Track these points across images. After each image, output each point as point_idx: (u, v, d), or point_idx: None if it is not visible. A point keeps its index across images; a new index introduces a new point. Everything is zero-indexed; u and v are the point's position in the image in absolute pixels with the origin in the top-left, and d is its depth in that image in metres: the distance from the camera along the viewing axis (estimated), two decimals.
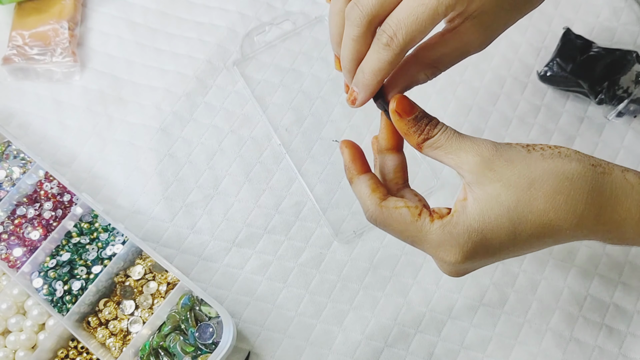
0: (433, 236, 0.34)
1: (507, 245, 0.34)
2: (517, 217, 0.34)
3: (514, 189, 0.33)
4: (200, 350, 0.48)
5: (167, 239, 0.54)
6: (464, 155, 0.34)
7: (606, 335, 0.50)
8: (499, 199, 0.33)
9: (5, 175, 0.55)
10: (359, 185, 0.37)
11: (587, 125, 0.57)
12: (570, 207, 0.34)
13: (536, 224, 0.34)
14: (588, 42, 0.57)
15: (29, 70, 0.59)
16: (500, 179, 0.34)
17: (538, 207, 0.33)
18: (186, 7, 0.62)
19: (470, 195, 0.34)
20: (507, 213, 0.33)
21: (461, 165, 0.35)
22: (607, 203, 0.34)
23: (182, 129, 0.57)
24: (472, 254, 0.34)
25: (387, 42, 0.34)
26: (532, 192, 0.33)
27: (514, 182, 0.33)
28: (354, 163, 0.38)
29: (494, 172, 0.34)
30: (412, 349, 0.50)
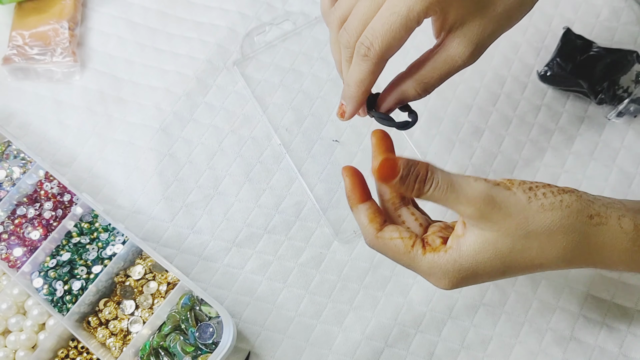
0: (424, 267, 0.37)
1: (496, 277, 0.37)
2: (510, 261, 0.36)
3: (511, 237, 0.35)
4: (200, 350, 0.48)
5: (167, 239, 0.54)
6: (461, 208, 0.35)
7: (606, 335, 0.50)
8: (495, 245, 0.35)
9: (5, 175, 0.55)
10: (358, 214, 0.39)
11: (587, 125, 0.57)
12: (560, 255, 0.36)
13: (526, 266, 0.36)
14: (588, 42, 0.57)
15: (29, 70, 0.59)
16: (498, 228, 0.35)
17: (530, 255, 0.35)
18: (186, 7, 0.62)
19: (469, 233, 0.36)
20: (500, 258, 0.35)
21: (460, 213, 0.36)
22: (597, 251, 0.36)
23: (182, 129, 0.57)
24: (461, 284, 0.37)
25: (365, 53, 0.36)
26: (527, 241, 0.35)
27: (511, 232, 0.35)
28: (353, 192, 0.39)
29: (493, 223, 0.35)
30: (413, 349, 0.50)
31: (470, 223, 0.36)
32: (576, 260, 0.36)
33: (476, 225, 0.35)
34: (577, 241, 0.35)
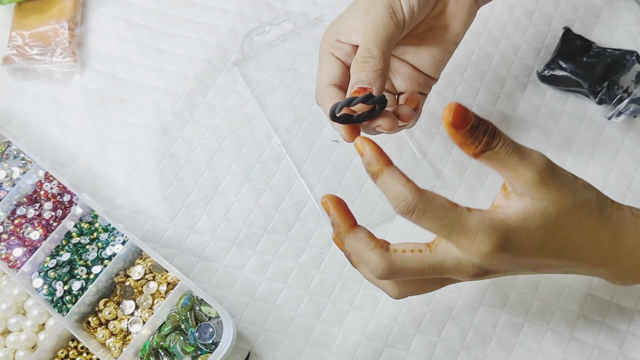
0: (472, 223, 0.35)
1: (534, 253, 0.37)
2: (553, 230, 0.36)
3: (559, 208, 0.36)
4: (200, 350, 0.48)
5: (167, 239, 0.54)
6: (522, 171, 0.35)
7: (606, 335, 0.50)
8: (544, 214, 0.36)
9: (5, 175, 0.55)
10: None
11: (587, 125, 0.57)
12: (592, 233, 0.38)
13: (565, 239, 0.37)
14: (588, 42, 0.57)
15: (29, 70, 0.59)
16: (550, 198, 0.36)
17: (571, 227, 0.37)
18: (186, 7, 0.62)
19: (518, 200, 0.36)
20: (545, 225, 0.36)
21: (517, 179, 0.36)
22: (619, 232, 0.39)
23: (182, 129, 0.57)
24: (503, 248, 0.35)
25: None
26: (571, 214, 0.37)
27: (561, 203, 0.36)
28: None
29: (548, 191, 0.36)
30: (413, 349, 0.50)
31: (525, 192, 0.36)
32: (603, 241, 0.38)
33: (530, 196, 0.36)
34: (603, 219, 0.38)
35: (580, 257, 0.39)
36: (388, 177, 0.36)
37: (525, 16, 0.61)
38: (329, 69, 0.44)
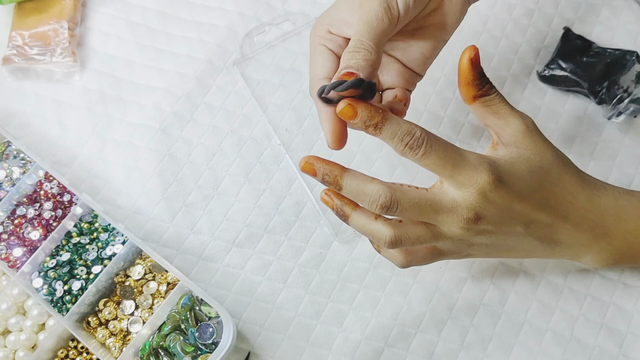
0: (473, 158, 0.38)
1: (524, 197, 0.40)
2: (537, 178, 0.40)
3: (541, 158, 0.41)
4: (200, 350, 0.48)
5: (167, 239, 0.54)
6: (511, 120, 0.41)
7: (606, 335, 0.50)
8: (529, 161, 0.40)
9: (5, 175, 0.55)
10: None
11: (587, 125, 0.57)
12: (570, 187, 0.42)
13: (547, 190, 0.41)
14: (588, 42, 0.57)
15: (29, 70, 0.59)
16: (534, 148, 0.41)
17: (551, 177, 0.41)
18: (186, 7, 0.62)
19: (504, 149, 0.41)
20: (530, 172, 0.40)
21: (504, 128, 0.41)
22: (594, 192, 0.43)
23: (182, 129, 0.57)
24: (501, 181, 0.38)
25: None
26: (551, 165, 0.41)
27: (543, 154, 0.41)
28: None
29: (532, 141, 0.41)
30: (413, 349, 0.50)
31: (512, 142, 0.41)
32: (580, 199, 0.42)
33: (516, 146, 0.40)
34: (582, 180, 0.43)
35: (563, 213, 0.42)
36: (393, 121, 0.38)
37: (525, 16, 0.61)
38: (322, 62, 0.43)
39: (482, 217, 0.39)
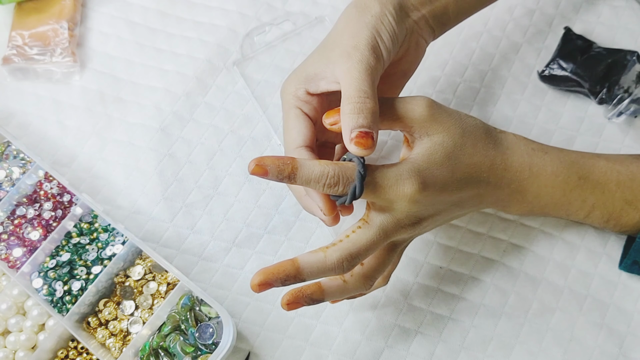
0: (391, 175, 0.39)
1: (449, 184, 0.41)
2: (455, 157, 0.41)
3: (453, 136, 0.41)
4: (200, 350, 0.48)
5: (167, 239, 0.54)
6: (410, 114, 0.41)
7: (607, 335, 0.50)
8: (443, 145, 0.41)
9: (5, 175, 0.55)
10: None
11: (588, 125, 0.57)
12: (485, 152, 0.43)
13: (467, 164, 0.42)
14: (588, 42, 0.57)
15: (29, 70, 0.59)
16: (443, 129, 0.41)
17: (467, 151, 0.42)
18: (186, 7, 0.62)
19: (419, 144, 0.41)
20: (447, 155, 0.41)
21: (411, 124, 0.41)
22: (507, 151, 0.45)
23: (182, 129, 0.57)
24: (425, 184, 0.39)
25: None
26: (464, 139, 0.42)
27: (453, 131, 0.41)
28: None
29: (439, 123, 0.41)
30: (413, 349, 0.50)
31: (422, 132, 0.41)
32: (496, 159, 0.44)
33: (427, 134, 0.41)
34: (492, 141, 0.44)
35: (484, 180, 0.43)
36: (303, 168, 0.37)
37: (525, 16, 0.61)
38: (299, 128, 0.42)
39: (422, 217, 0.41)
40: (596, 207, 0.48)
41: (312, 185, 0.37)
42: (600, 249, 0.52)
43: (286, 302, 0.40)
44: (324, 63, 0.41)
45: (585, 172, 0.47)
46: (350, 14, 0.42)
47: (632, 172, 0.47)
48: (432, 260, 0.52)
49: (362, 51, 0.39)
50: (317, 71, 0.42)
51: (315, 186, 0.38)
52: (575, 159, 0.47)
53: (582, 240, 0.53)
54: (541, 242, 0.53)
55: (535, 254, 0.52)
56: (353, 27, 0.41)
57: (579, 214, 0.48)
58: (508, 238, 0.53)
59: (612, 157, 0.48)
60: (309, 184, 0.37)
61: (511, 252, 0.52)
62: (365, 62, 0.39)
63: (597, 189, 0.47)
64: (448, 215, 0.44)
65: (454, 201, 0.43)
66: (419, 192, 0.39)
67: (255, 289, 0.38)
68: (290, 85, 0.43)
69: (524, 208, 0.47)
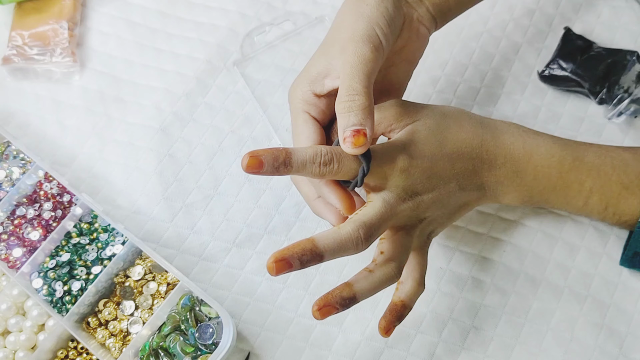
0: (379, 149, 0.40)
1: (437, 154, 0.42)
2: (440, 134, 0.43)
3: (434, 118, 0.43)
4: (200, 350, 0.48)
5: (167, 240, 0.53)
6: (385, 111, 0.43)
7: (607, 336, 0.50)
8: (425, 125, 0.43)
9: (5, 175, 0.55)
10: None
11: (588, 125, 0.57)
12: (473, 130, 0.45)
13: (454, 140, 0.43)
14: (588, 42, 0.57)
15: (29, 70, 0.59)
16: (421, 116, 0.43)
17: (452, 129, 0.44)
18: (186, 7, 0.62)
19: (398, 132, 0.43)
20: (431, 132, 0.43)
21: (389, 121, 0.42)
22: (496, 132, 0.46)
23: (182, 129, 0.57)
24: (412, 155, 0.41)
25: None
26: (447, 120, 0.44)
27: (432, 116, 0.43)
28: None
29: (414, 112, 0.43)
30: (413, 350, 0.50)
31: (397, 128, 0.43)
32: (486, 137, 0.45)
33: (403, 126, 0.43)
34: (478, 121, 0.46)
35: (478, 156, 0.44)
36: (297, 152, 0.38)
37: (525, 16, 0.61)
38: (308, 134, 0.43)
39: (417, 191, 0.42)
40: (594, 191, 0.48)
41: (308, 168, 0.38)
42: (600, 249, 0.52)
43: (317, 308, 0.38)
44: (326, 60, 0.42)
45: (580, 154, 0.47)
46: (347, 7, 0.42)
47: (625, 158, 0.48)
48: (432, 261, 0.52)
49: (356, 43, 0.39)
50: (320, 69, 0.42)
51: (311, 168, 0.38)
52: (567, 142, 0.48)
53: (582, 240, 0.53)
54: (541, 242, 0.53)
55: (535, 254, 0.52)
56: (349, 19, 0.41)
57: (577, 200, 0.48)
58: (508, 238, 0.53)
59: (603, 146, 0.49)
60: (305, 166, 0.38)
61: (511, 252, 0.52)
62: (359, 54, 0.39)
63: (593, 170, 0.47)
64: (447, 193, 0.44)
65: (449, 176, 0.43)
66: (408, 162, 0.41)
67: (271, 269, 0.36)
68: (297, 89, 0.44)
69: (524, 193, 0.47)
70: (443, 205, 0.44)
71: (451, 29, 0.60)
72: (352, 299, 0.39)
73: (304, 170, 0.38)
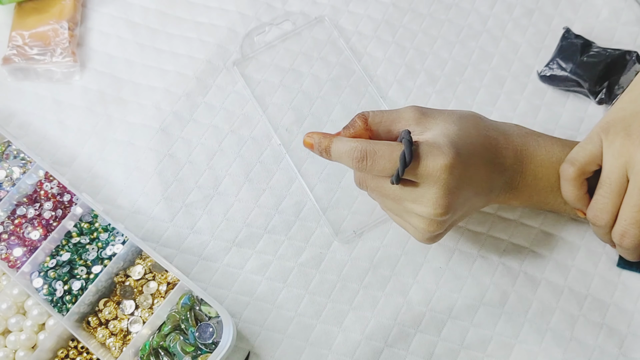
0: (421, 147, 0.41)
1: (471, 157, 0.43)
2: (464, 140, 0.43)
3: (453, 122, 0.44)
4: (200, 350, 0.48)
5: (167, 239, 0.54)
6: (404, 114, 0.45)
7: (607, 335, 0.50)
8: (446, 132, 0.43)
9: (5, 175, 0.55)
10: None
11: (588, 125, 0.57)
12: (486, 132, 0.46)
13: (477, 144, 0.44)
14: (588, 42, 0.57)
15: (29, 70, 0.59)
16: (440, 120, 0.44)
17: (472, 134, 0.44)
18: (186, 7, 0.62)
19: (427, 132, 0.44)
20: (457, 137, 0.43)
21: (407, 123, 0.44)
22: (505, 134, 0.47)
23: (182, 129, 0.57)
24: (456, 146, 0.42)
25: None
26: (463, 122, 0.45)
27: (449, 119, 0.44)
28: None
29: (433, 117, 0.44)
30: (412, 349, 0.50)
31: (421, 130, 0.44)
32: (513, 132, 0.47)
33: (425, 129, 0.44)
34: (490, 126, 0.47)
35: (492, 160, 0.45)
36: (338, 142, 0.43)
37: (525, 16, 0.61)
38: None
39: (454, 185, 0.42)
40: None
41: (345, 160, 0.43)
42: (600, 249, 0.52)
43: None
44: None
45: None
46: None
47: None
48: (432, 260, 0.52)
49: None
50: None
51: (347, 161, 0.42)
52: (566, 142, 0.49)
53: (582, 240, 0.53)
54: (541, 241, 0.53)
55: (535, 254, 0.52)
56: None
57: None
58: (508, 238, 0.53)
59: None
60: (341, 157, 0.43)
61: (511, 252, 0.52)
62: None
63: None
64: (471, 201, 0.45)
65: (479, 182, 0.44)
66: (455, 160, 0.41)
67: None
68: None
69: (524, 194, 0.48)
70: (464, 211, 0.45)
71: (451, 29, 0.61)
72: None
73: (342, 161, 0.43)
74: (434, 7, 0.61)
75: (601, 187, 0.44)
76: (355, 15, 0.61)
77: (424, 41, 0.60)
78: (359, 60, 0.59)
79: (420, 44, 0.60)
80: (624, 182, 0.43)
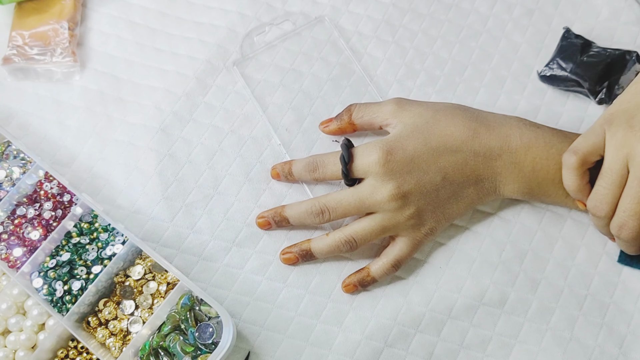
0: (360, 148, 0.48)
1: (421, 149, 0.47)
2: (427, 131, 0.48)
3: (424, 115, 0.48)
4: (200, 350, 0.48)
5: (167, 239, 0.54)
6: (384, 107, 0.50)
7: (606, 335, 0.50)
8: (414, 123, 0.48)
9: (5, 175, 0.55)
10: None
11: (588, 125, 0.57)
12: (466, 123, 0.48)
13: (441, 134, 0.48)
14: (588, 42, 0.57)
15: (29, 70, 0.59)
16: (414, 114, 0.49)
17: (441, 124, 0.48)
18: (186, 7, 0.62)
19: (391, 129, 0.49)
20: (417, 129, 0.48)
21: (384, 118, 0.50)
22: (492, 124, 0.49)
23: (182, 129, 0.57)
24: (390, 151, 0.47)
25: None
26: (437, 115, 0.49)
27: (424, 113, 0.49)
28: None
29: (409, 110, 0.49)
30: (412, 349, 0.50)
31: (395, 121, 0.49)
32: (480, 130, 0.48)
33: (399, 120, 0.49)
34: (474, 114, 0.50)
35: (469, 149, 0.48)
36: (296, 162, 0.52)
37: (525, 16, 0.61)
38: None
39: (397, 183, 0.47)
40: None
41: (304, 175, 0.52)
42: (600, 249, 0.52)
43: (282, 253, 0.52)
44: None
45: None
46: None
47: None
48: (432, 260, 0.52)
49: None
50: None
51: (305, 175, 0.51)
52: (567, 134, 0.50)
53: (582, 239, 0.53)
54: (541, 241, 0.53)
55: (535, 254, 0.52)
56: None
57: None
58: (507, 237, 0.53)
59: None
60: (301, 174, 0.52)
61: (511, 252, 0.52)
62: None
63: None
64: (432, 185, 0.48)
65: (433, 170, 0.47)
66: (386, 157, 0.46)
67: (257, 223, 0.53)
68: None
69: (523, 185, 0.49)
70: (430, 198, 0.48)
71: (451, 29, 0.61)
72: (308, 252, 0.50)
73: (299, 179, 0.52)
74: (434, 7, 0.61)
75: (602, 177, 0.44)
76: (355, 15, 0.61)
77: (424, 41, 0.60)
78: (359, 60, 0.59)
79: (420, 44, 0.60)
80: (624, 174, 0.43)
